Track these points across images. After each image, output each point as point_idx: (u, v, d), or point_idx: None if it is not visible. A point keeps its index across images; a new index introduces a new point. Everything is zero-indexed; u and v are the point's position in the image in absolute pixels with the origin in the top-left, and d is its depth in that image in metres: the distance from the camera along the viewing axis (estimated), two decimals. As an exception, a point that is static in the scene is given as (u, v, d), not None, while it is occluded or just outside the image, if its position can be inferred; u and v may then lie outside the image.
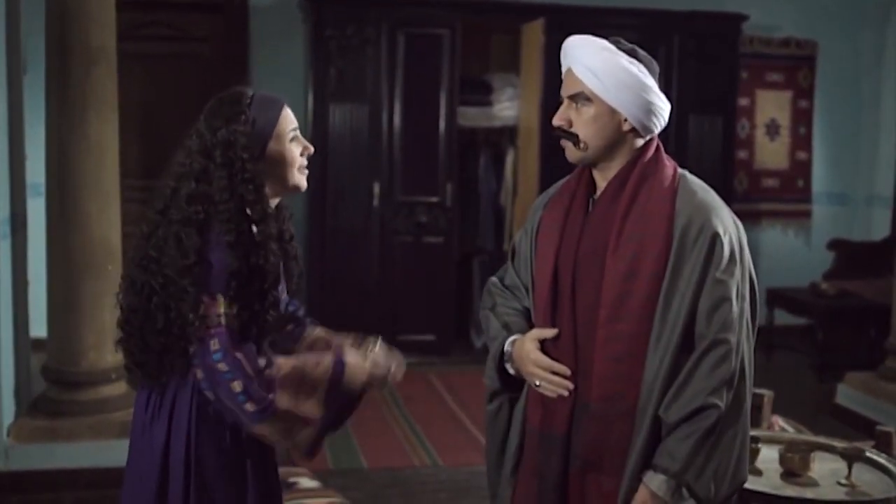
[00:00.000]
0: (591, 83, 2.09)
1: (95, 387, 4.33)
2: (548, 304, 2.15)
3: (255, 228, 2.10)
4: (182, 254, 2.05)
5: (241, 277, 2.05)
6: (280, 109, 2.19)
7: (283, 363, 2.09)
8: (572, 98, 2.12)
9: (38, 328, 4.58)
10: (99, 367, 4.31)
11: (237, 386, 2.01)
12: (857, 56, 7.64)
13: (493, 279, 2.38)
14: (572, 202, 2.18)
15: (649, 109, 2.10)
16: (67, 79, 4.19)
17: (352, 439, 5.05)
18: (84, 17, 4.17)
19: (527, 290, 2.27)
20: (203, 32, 6.74)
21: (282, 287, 2.23)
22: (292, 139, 2.20)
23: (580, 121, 2.11)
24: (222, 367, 2.01)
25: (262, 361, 2.05)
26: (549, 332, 2.13)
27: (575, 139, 2.12)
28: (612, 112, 2.10)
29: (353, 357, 2.19)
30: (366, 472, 4.66)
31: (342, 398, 2.16)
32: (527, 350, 2.15)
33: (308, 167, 2.24)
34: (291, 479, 3.68)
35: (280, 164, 2.17)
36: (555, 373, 2.11)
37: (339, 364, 2.15)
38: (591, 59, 2.09)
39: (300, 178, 2.22)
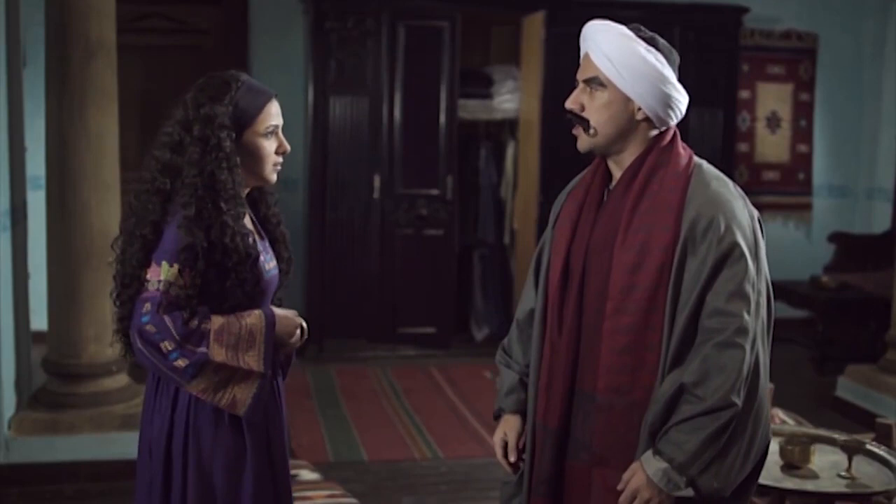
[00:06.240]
0: (606, 69, 2.06)
1: (96, 379, 4.33)
2: (557, 296, 2.13)
3: (224, 206, 2.12)
4: (140, 223, 2.14)
5: (195, 251, 2.09)
6: (266, 101, 2.21)
7: (216, 318, 2.12)
8: (587, 82, 2.10)
9: (39, 321, 4.58)
10: (99, 359, 4.31)
11: (167, 345, 2.06)
12: (858, 48, 7.62)
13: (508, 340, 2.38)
14: (587, 194, 2.16)
15: (665, 101, 2.07)
16: (67, 71, 4.18)
17: (352, 432, 5.05)
18: (84, 8, 4.17)
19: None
20: (203, 24, 6.73)
21: (270, 265, 2.27)
22: (270, 133, 2.21)
23: (593, 106, 2.09)
24: (150, 328, 2.06)
25: (194, 322, 2.08)
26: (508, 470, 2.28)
27: (586, 124, 2.09)
28: (626, 100, 2.07)
29: (280, 310, 2.25)
30: (366, 465, 4.66)
31: (276, 350, 2.20)
32: (497, 436, 2.28)
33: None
34: (292, 472, 3.68)
35: (253, 154, 2.20)
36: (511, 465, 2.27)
37: (270, 312, 2.20)
38: (608, 45, 2.07)
39: (271, 174, 2.25)
